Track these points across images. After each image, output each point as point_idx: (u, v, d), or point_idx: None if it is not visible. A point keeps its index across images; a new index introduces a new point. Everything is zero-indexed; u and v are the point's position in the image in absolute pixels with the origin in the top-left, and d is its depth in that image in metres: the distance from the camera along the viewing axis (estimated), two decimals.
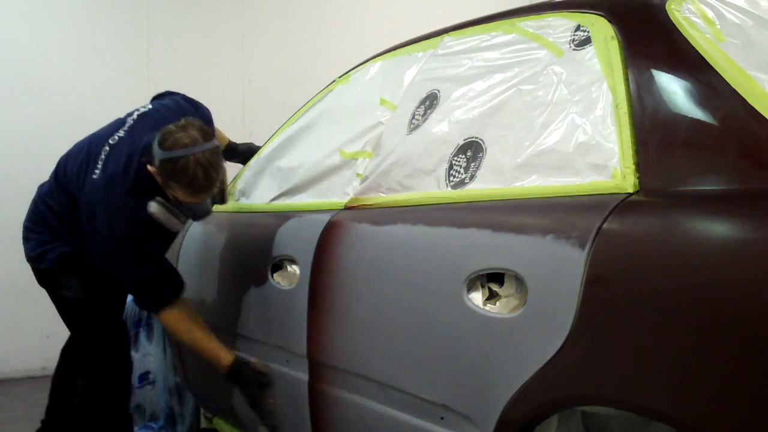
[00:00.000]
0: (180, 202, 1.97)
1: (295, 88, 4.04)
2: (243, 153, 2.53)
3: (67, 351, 2.55)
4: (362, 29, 4.77)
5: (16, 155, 3.89)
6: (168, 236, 2.16)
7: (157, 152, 1.88)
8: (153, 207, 1.98)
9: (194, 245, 2.40)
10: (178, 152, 1.85)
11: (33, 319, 3.78)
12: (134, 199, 1.99)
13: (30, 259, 2.29)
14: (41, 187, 2.34)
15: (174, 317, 2.07)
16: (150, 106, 2.23)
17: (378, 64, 2.10)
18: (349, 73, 2.23)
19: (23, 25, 3.97)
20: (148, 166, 1.94)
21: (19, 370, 3.86)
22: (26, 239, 2.30)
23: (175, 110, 2.15)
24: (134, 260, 2.02)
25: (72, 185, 2.16)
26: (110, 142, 2.10)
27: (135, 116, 2.16)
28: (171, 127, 1.90)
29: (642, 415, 1.03)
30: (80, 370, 2.32)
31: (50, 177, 2.30)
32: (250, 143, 2.55)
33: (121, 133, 2.11)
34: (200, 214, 2.06)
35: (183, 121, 1.93)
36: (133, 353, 2.75)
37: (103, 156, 2.07)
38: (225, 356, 2.01)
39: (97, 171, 2.05)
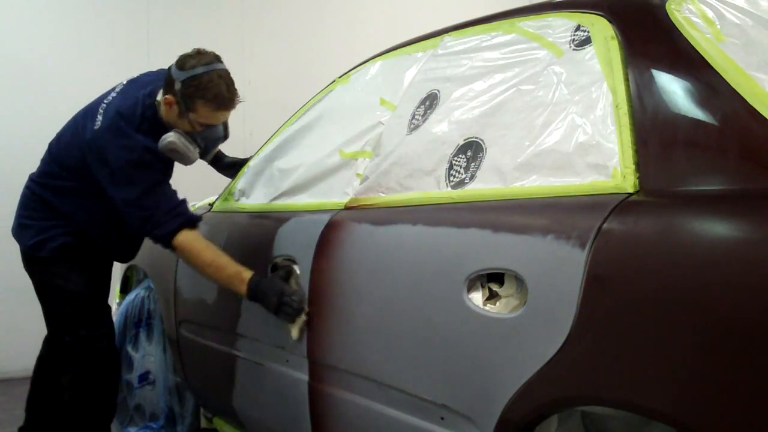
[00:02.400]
0: (194, 132, 2.03)
1: (295, 89, 4.04)
2: (225, 166, 2.51)
3: (45, 356, 2.53)
4: (362, 29, 4.77)
5: (15, 155, 3.88)
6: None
7: (179, 75, 1.99)
8: (171, 135, 2.02)
9: None
10: (202, 68, 1.98)
11: (33, 319, 3.76)
12: (142, 135, 2.03)
13: (28, 246, 2.25)
14: (32, 175, 2.33)
15: (192, 237, 2.01)
16: (136, 75, 2.29)
17: (378, 64, 2.10)
18: (349, 73, 2.23)
19: (23, 25, 3.97)
20: (166, 96, 2.02)
21: (19, 370, 3.85)
22: (24, 227, 2.27)
23: (162, 72, 2.20)
24: (148, 184, 2.00)
25: (71, 152, 2.16)
26: (105, 102, 2.15)
27: (124, 82, 2.24)
28: (186, 53, 2.04)
29: (642, 415, 1.03)
30: (66, 366, 2.30)
31: (42, 161, 2.31)
32: (236, 158, 2.53)
33: (114, 94, 2.18)
34: (212, 143, 2.12)
35: (194, 49, 2.05)
36: (133, 353, 2.76)
37: (101, 111, 2.11)
38: (246, 272, 1.92)
39: (98, 122, 2.08)
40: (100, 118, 2.09)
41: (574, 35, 1.45)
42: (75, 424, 2.30)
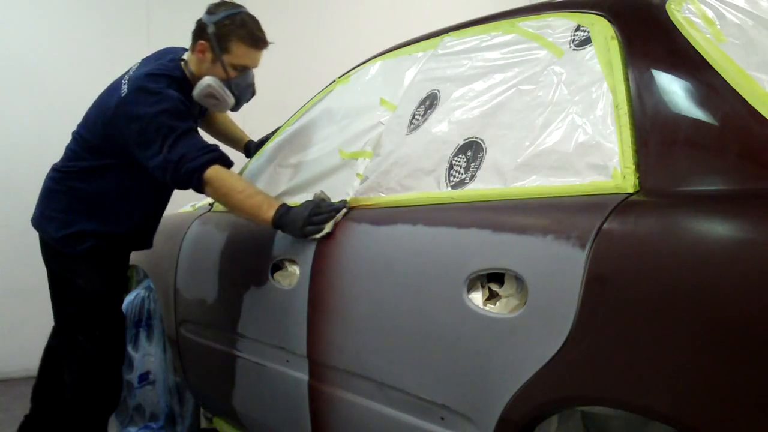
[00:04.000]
0: (228, 79, 2.08)
1: (295, 88, 4.03)
2: (257, 147, 2.50)
3: (52, 348, 2.54)
4: (362, 29, 4.77)
5: (15, 155, 3.89)
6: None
7: (211, 18, 2.07)
8: (208, 79, 2.07)
9: (194, 245, 2.40)
10: (233, 10, 2.08)
11: (33, 319, 3.78)
12: (171, 89, 2.04)
13: (55, 239, 2.22)
14: (55, 165, 2.31)
15: (223, 169, 1.98)
16: (146, 57, 2.32)
17: (378, 64, 2.10)
18: (349, 73, 2.23)
19: (23, 24, 3.97)
20: (200, 42, 2.07)
21: (19, 370, 3.85)
22: (49, 219, 2.24)
23: (175, 48, 2.26)
24: (182, 130, 1.97)
25: (96, 131, 2.16)
26: (127, 76, 2.16)
27: (137, 63, 2.25)
28: (213, 3, 2.12)
29: (642, 415, 1.03)
30: (73, 364, 2.30)
31: (66, 149, 2.29)
32: (261, 139, 2.52)
33: (134, 69, 2.19)
34: (245, 91, 2.15)
35: (219, 0, 2.13)
36: (133, 353, 2.76)
37: (125, 83, 2.10)
38: (275, 201, 1.92)
39: (123, 91, 2.07)
40: (125, 88, 2.08)
41: (574, 35, 1.45)
42: (75, 422, 2.31)
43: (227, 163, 2.01)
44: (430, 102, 1.72)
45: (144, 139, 2.00)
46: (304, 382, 1.79)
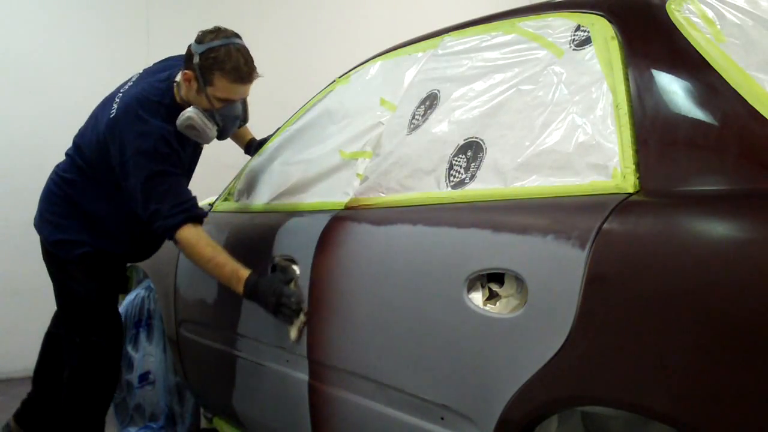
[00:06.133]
0: (213, 109, 2.02)
1: (295, 88, 4.03)
2: (258, 147, 2.50)
3: (52, 335, 2.56)
4: (362, 29, 4.77)
5: (15, 155, 3.89)
6: (191, 157, 2.21)
7: (197, 48, 1.99)
8: (189, 111, 2.02)
9: None
10: (220, 41, 1.98)
11: (33, 319, 3.77)
12: (159, 121, 2.03)
13: (49, 242, 2.26)
14: (58, 165, 2.33)
15: (194, 233, 2.00)
16: (147, 67, 2.31)
17: (378, 64, 2.10)
18: (349, 73, 2.23)
19: (23, 24, 3.97)
20: (185, 72, 2.02)
21: (18, 370, 3.85)
22: (45, 221, 2.28)
23: (177, 58, 2.21)
24: (157, 174, 1.99)
25: (91, 146, 2.17)
26: (120, 92, 2.16)
27: (138, 74, 2.25)
28: (206, 29, 2.04)
29: (642, 415, 1.03)
30: (70, 361, 2.32)
31: (67, 154, 2.31)
32: (263, 139, 2.52)
33: (130, 83, 2.19)
34: (230, 121, 2.10)
35: (215, 26, 2.06)
36: (133, 353, 2.76)
37: (116, 101, 2.11)
38: (243, 271, 1.92)
39: (113, 111, 2.08)
40: (115, 107, 2.09)
41: (574, 35, 1.45)
42: (69, 419, 2.34)
43: (200, 220, 2.04)
44: (430, 102, 1.72)
45: (124, 172, 2.03)
46: (304, 382, 1.78)
